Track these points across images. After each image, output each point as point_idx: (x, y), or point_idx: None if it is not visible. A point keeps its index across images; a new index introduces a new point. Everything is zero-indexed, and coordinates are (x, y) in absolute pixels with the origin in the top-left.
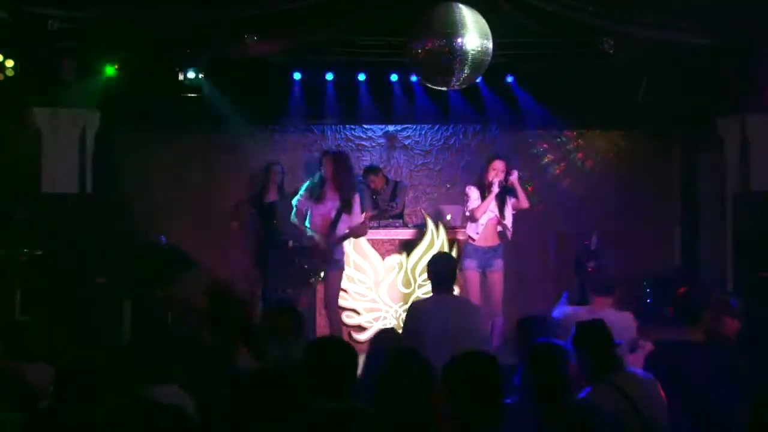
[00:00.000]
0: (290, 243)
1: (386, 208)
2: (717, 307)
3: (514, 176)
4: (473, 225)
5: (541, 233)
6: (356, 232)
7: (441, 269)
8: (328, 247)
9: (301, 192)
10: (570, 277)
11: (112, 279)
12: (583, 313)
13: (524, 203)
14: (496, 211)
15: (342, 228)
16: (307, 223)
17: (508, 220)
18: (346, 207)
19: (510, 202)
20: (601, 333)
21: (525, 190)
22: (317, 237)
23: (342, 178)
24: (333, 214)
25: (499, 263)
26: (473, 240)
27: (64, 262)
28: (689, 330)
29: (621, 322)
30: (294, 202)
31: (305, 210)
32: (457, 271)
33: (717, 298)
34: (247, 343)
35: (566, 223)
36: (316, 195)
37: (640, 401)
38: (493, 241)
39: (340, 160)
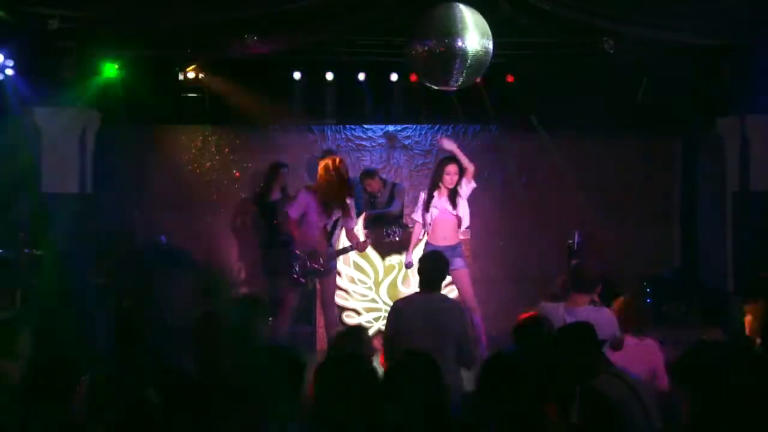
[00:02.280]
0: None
1: (383, 212)
2: None
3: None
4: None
5: (540, 232)
6: (359, 249)
7: (427, 268)
8: (326, 259)
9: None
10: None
11: (111, 279)
12: (559, 308)
13: (469, 166)
14: (449, 207)
15: (339, 236)
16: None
17: (464, 213)
18: (343, 217)
19: (461, 191)
20: (586, 334)
21: None
22: (314, 250)
23: (343, 186)
24: (330, 225)
25: (458, 261)
26: (431, 241)
27: (64, 262)
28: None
29: (599, 318)
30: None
31: (298, 217)
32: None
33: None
34: None
35: (565, 222)
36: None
37: (640, 389)
38: (453, 240)
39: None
